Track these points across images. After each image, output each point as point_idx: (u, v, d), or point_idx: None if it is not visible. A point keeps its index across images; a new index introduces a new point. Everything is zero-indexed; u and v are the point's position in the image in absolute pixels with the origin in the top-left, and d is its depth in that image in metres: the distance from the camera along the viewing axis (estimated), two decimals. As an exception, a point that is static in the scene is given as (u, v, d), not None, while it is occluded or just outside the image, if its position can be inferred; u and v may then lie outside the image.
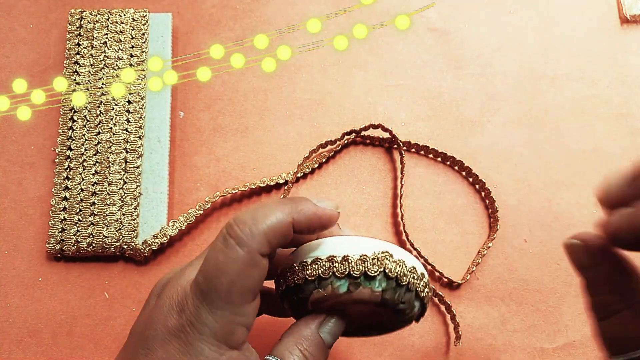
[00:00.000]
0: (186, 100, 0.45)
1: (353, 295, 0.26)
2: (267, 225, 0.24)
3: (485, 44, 0.47)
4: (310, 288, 0.26)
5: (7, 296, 0.40)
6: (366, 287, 0.26)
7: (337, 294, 0.26)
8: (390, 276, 0.26)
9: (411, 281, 0.27)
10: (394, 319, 0.28)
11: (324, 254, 0.26)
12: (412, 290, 0.27)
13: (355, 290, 0.26)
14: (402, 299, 0.26)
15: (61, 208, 0.41)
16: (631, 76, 0.46)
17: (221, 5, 0.47)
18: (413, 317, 0.28)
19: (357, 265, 0.26)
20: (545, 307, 0.40)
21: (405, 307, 0.27)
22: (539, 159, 0.44)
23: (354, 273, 0.26)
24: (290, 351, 0.26)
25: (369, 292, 0.26)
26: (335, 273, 0.26)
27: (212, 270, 0.23)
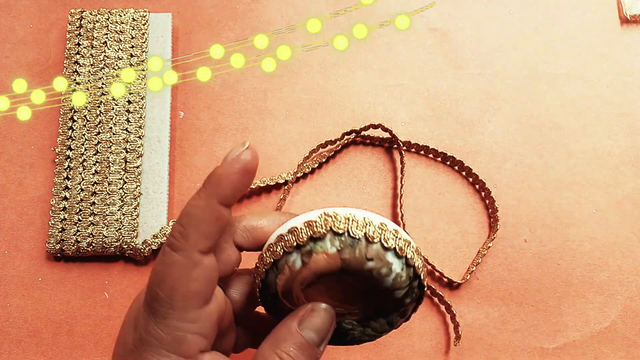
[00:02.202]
0: (186, 100, 0.45)
1: (311, 267, 0.23)
2: (194, 220, 0.22)
3: (485, 44, 0.47)
4: (273, 277, 0.24)
5: (7, 296, 0.40)
6: (318, 252, 0.23)
7: (295, 272, 0.24)
8: (339, 232, 0.23)
9: (369, 232, 0.23)
10: (383, 295, 0.25)
11: (274, 237, 0.25)
12: (374, 241, 0.23)
13: (309, 260, 0.23)
14: (365, 254, 0.23)
15: (61, 208, 0.41)
16: (631, 76, 0.46)
17: (221, 5, 0.47)
18: (401, 282, 0.24)
19: (303, 232, 0.24)
20: (545, 307, 0.40)
21: (376, 266, 0.23)
22: (539, 159, 0.44)
23: (301, 240, 0.23)
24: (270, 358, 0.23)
25: (324, 258, 0.23)
26: (284, 249, 0.24)
27: (154, 281, 0.22)
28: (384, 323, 0.26)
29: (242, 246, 0.26)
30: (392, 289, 0.24)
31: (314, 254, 0.23)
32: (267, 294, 0.25)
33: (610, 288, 0.41)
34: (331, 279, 0.24)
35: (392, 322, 0.26)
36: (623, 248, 0.42)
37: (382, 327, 0.26)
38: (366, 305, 0.26)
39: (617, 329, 0.40)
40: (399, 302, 0.25)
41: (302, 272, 0.24)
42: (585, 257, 0.41)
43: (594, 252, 0.42)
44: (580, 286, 0.41)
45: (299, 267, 0.24)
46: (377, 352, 0.39)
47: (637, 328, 0.40)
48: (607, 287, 0.41)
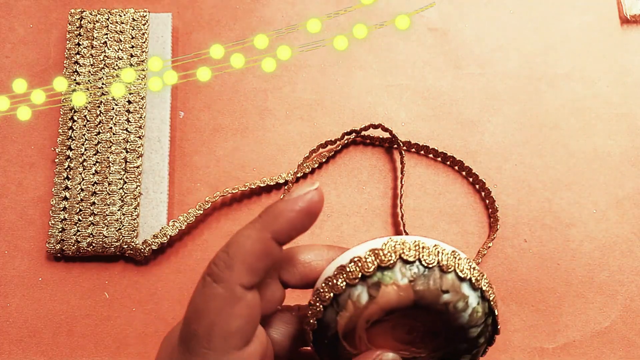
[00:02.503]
0: (186, 100, 0.45)
1: (379, 301, 0.21)
2: (242, 251, 0.20)
3: (485, 44, 0.47)
4: (332, 316, 0.21)
5: (7, 296, 0.40)
6: (388, 284, 0.21)
7: (361, 308, 0.21)
8: (410, 260, 0.21)
9: (442, 260, 0.21)
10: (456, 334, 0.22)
11: (332, 269, 0.22)
12: (448, 271, 0.21)
13: (377, 293, 0.21)
14: (441, 286, 0.21)
15: (61, 208, 0.41)
16: (631, 76, 0.46)
17: (221, 5, 0.47)
18: (477, 319, 0.21)
19: (369, 261, 0.21)
20: (545, 307, 0.40)
21: (453, 299, 0.21)
22: (539, 159, 0.44)
23: (367, 271, 0.21)
24: None
25: (394, 290, 0.21)
26: (347, 282, 0.21)
27: (191, 315, 0.21)
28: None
29: (288, 283, 0.24)
30: (468, 326, 0.21)
31: (382, 285, 0.21)
32: (323, 335, 0.22)
33: (610, 288, 0.41)
34: (400, 314, 0.21)
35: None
36: (623, 248, 0.42)
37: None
38: (435, 347, 0.23)
39: (617, 329, 0.40)
40: (472, 342, 0.22)
41: (368, 308, 0.21)
42: (585, 257, 0.41)
43: (594, 252, 0.42)
44: (580, 286, 0.41)
45: (365, 301, 0.21)
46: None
47: (637, 328, 0.40)
48: (607, 287, 0.41)
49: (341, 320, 0.21)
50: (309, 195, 0.21)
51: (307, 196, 0.21)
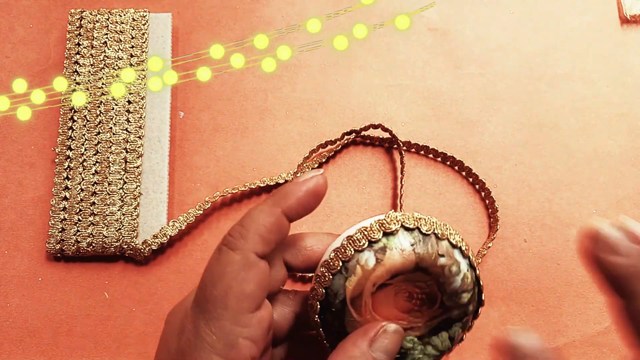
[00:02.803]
0: (186, 100, 0.45)
1: (386, 263, 0.23)
2: (256, 223, 0.23)
3: (485, 44, 0.47)
4: (341, 282, 0.23)
5: (7, 296, 0.40)
6: (392, 248, 0.23)
7: (369, 271, 0.23)
8: (410, 227, 0.23)
9: (437, 229, 0.24)
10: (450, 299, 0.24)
11: (339, 242, 0.24)
12: (442, 238, 0.24)
13: (383, 256, 0.23)
14: (437, 250, 0.23)
15: (61, 208, 0.41)
16: (631, 76, 0.46)
17: (221, 5, 0.47)
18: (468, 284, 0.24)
19: (375, 229, 0.23)
20: (545, 307, 0.40)
21: (447, 262, 0.23)
22: (539, 159, 0.44)
23: (373, 238, 0.23)
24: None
25: (399, 254, 0.23)
26: (356, 249, 0.23)
27: (208, 279, 0.22)
28: (445, 338, 0.25)
29: (291, 264, 0.26)
30: (460, 290, 0.24)
31: (388, 249, 0.23)
32: (331, 303, 0.24)
33: (610, 288, 0.41)
34: (402, 279, 0.24)
35: (454, 336, 0.25)
36: (623, 248, 0.42)
37: (443, 344, 0.25)
38: (431, 316, 0.25)
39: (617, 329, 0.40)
40: (463, 308, 0.24)
41: (376, 270, 0.23)
42: (585, 257, 0.41)
43: (594, 252, 0.42)
44: (580, 286, 0.41)
45: (372, 264, 0.23)
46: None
47: (637, 328, 0.40)
48: (607, 287, 0.41)
49: (349, 284, 0.23)
50: (315, 179, 0.24)
51: (314, 179, 0.24)
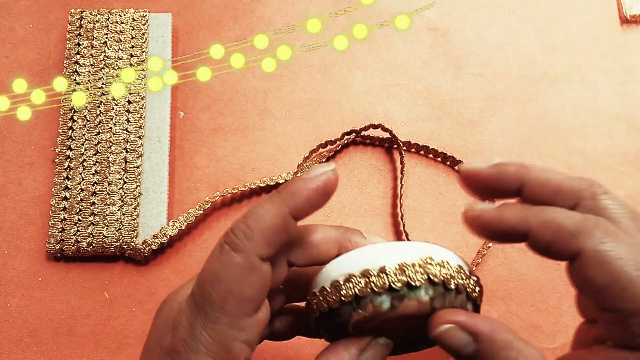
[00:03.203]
0: (186, 100, 0.45)
1: (399, 310, 0.23)
2: (262, 224, 0.22)
3: (485, 44, 0.47)
4: (349, 310, 0.23)
5: (7, 296, 0.40)
6: (412, 298, 0.23)
7: (381, 312, 0.23)
8: (436, 282, 0.23)
9: (460, 282, 0.24)
10: None
11: (356, 269, 0.23)
12: (462, 292, 0.24)
13: (400, 304, 0.23)
14: (453, 304, 0.23)
15: (61, 208, 0.41)
16: (631, 76, 0.46)
17: (221, 5, 0.47)
18: None
19: (397, 275, 0.23)
20: (545, 307, 0.40)
21: None
22: (539, 159, 0.44)
23: (396, 285, 0.22)
24: None
25: (415, 304, 0.23)
26: (374, 289, 0.23)
27: (207, 280, 0.21)
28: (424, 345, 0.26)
29: (294, 263, 0.25)
30: None
31: (406, 299, 0.23)
32: (331, 320, 0.24)
33: (610, 288, 0.41)
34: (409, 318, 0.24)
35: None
36: (623, 248, 0.42)
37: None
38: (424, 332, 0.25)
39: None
40: None
41: (388, 314, 0.23)
42: (585, 257, 0.41)
43: (594, 252, 0.42)
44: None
45: (386, 309, 0.23)
46: (377, 352, 0.39)
47: (637, 328, 0.40)
48: (607, 287, 0.41)
49: (356, 316, 0.23)
50: (325, 175, 0.23)
51: (324, 176, 0.23)
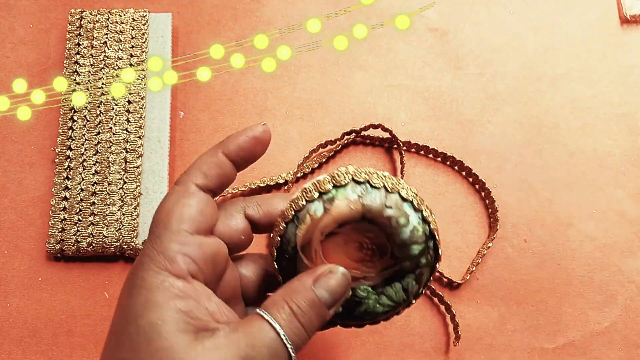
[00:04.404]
0: (186, 100, 0.45)
1: (333, 213, 0.24)
2: (198, 161, 0.26)
3: (485, 44, 0.47)
4: (293, 230, 0.25)
5: (7, 296, 0.40)
6: (340, 198, 0.24)
7: (317, 220, 0.24)
8: (360, 181, 0.25)
9: (387, 183, 0.25)
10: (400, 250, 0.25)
11: (297, 192, 0.26)
12: (393, 192, 0.25)
13: (331, 206, 0.24)
14: (385, 202, 0.24)
15: (61, 208, 0.41)
16: (631, 76, 0.46)
17: (221, 5, 0.47)
18: (418, 237, 0.25)
19: (326, 183, 0.25)
20: (545, 307, 0.40)
21: (395, 214, 0.24)
22: (539, 159, 0.44)
23: (323, 189, 0.25)
24: (279, 305, 0.24)
25: (345, 204, 0.24)
26: (307, 198, 0.25)
27: (157, 210, 0.25)
28: (399, 289, 0.26)
29: (253, 218, 0.27)
30: (409, 242, 0.25)
31: (336, 200, 0.25)
32: (285, 250, 0.26)
33: (610, 288, 0.41)
34: (351, 228, 0.25)
35: (408, 287, 0.26)
36: (623, 248, 0.42)
37: (397, 295, 0.26)
38: (383, 266, 0.26)
39: (617, 329, 0.40)
40: (414, 260, 0.25)
41: (323, 219, 0.24)
42: (585, 257, 0.41)
43: (594, 252, 0.42)
44: (580, 286, 0.41)
45: (320, 214, 0.25)
46: (377, 352, 0.39)
47: (637, 328, 0.40)
48: (607, 287, 0.41)
49: (299, 232, 0.25)
50: (258, 127, 0.27)
51: (257, 127, 0.27)
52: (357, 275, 0.26)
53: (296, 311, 0.24)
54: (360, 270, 0.26)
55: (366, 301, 0.26)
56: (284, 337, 0.23)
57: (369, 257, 0.26)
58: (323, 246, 0.25)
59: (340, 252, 0.26)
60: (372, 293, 0.26)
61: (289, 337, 0.23)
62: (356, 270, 0.26)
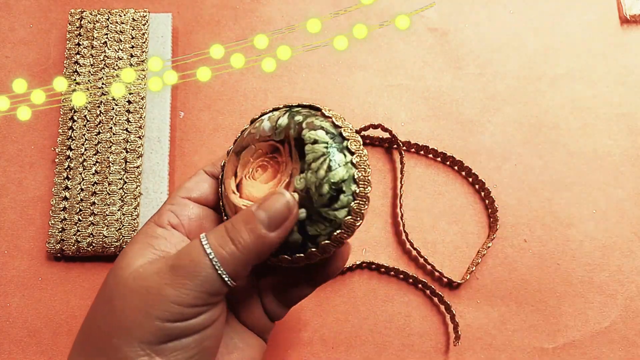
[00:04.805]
0: (186, 100, 0.45)
1: (250, 134, 0.27)
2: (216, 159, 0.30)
3: (485, 44, 0.47)
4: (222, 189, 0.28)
5: (7, 296, 0.40)
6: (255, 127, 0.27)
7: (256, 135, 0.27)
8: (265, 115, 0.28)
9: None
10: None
11: None
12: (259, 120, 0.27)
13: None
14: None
15: (61, 208, 0.41)
16: (631, 76, 0.46)
17: (221, 5, 0.47)
18: (274, 116, 0.27)
19: (243, 134, 0.28)
20: (545, 307, 0.40)
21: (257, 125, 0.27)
22: (539, 159, 0.44)
23: (236, 139, 0.28)
24: (218, 227, 0.25)
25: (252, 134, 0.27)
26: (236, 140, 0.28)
27: None
28: (311, 147, 0.25)
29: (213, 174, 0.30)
30: (274, 122, 0.27)
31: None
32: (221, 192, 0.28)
33: (610, 288, 0.41)
34: (249, 159, 0.27)
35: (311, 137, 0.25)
36: (623, 248, 0.42)
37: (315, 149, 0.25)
38: (301, 167, 0.25)
39: (617, 329, 0.40)
40: (294, 125, 0.26)
41: (224, 185, 0.27)
42: (585, 257, 0.41)
43: (594, 252, 0.42)
44: (580, 286, 0.41)
45: (222, 189, 0.28)
46: (377, 352, 0.39)
47: (637, 328, 0.40)
48: (607, 287, 0.41)
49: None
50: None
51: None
52: (287, 180, 0.26)
53: (228, 227, 0.24)
54: (284, 176, 0.26)
55: (309, 183, 0.25)
56: (204, 245, 0.24)
57: (275, 164, 0.27)
58: (244, 198, 0.27)
59: (257, 187, 0.27)
60: (305, 173, 0.25)
61: (213, 248, 0.24)
62: (282, 180, 0.26)
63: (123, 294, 0.24)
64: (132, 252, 0.25)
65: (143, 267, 0.24)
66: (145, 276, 0.24)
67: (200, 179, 0.29)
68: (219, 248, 0.24)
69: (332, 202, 0.25)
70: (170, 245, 0.26)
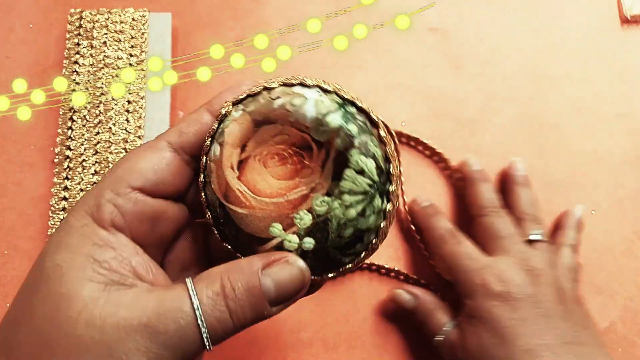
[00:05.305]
0: (186, 100, 0.45)
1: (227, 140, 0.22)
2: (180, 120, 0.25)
3: (485, 44, 0.47)
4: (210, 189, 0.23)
5: (7, 296, 0.40)
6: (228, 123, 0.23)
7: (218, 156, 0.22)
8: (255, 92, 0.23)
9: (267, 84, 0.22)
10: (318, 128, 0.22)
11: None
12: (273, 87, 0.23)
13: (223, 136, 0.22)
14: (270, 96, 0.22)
15: (61, 208, 0.41)
16: (631, 76, 0.46)
17: (221, 5, 0.47)
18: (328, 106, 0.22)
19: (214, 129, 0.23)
20: (545, 307, 0.40)
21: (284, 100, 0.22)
22: (539, 159, 0.44)
23: (210, 133, 0.23)
24: (212, 279, 0.20)
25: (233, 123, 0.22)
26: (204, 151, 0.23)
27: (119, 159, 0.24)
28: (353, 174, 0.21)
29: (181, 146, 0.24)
30: (320, 116, 0.22)
31: (225, 128, 0.22)
32: (219, 216, 0.22)
33: (610, 288, 0.41)
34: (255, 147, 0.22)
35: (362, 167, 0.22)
36: (623, 248, 0.42)
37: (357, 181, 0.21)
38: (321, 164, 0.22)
39: (617, 329, 0.40)
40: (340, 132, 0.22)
41: (223, 153, 0.22)
42: (585, 257, 0.41)
43: (594, 252, 0.42)
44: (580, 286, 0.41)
45: (218, 152, 0.22)
46: (377, 352, 0.39)
47: (637, 328, 0.40)
48: (606, 287, 0.41)
49: (214, 185, 0.22)
50: (245, 83, 0.25)
51: (245, 83, 0.25)
52: (305, 192, 0.22)
53: (228, 292, 0.20)
54: (304, 184, 0.22)
55: (332, 214, 0.21)
56: (199, 316, 0.19)
57: (299, 164, 0.22)
58: (243, 183, 0.22)
59: (265, 177, 0.22)
60: (332, 200, 0.21)
61: (206, 318, 0.19)
62: (298, 188, 0.22)
63: (70, 344, 0.18)
64: (71, 270, 0.20)
65: (99, 310, 0.19)
66: (104, 328, 0.18)
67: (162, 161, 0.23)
68: (214, 321, 0.19)
69: (347, 248, 0.22)
70: (117, 262, 0.20)
